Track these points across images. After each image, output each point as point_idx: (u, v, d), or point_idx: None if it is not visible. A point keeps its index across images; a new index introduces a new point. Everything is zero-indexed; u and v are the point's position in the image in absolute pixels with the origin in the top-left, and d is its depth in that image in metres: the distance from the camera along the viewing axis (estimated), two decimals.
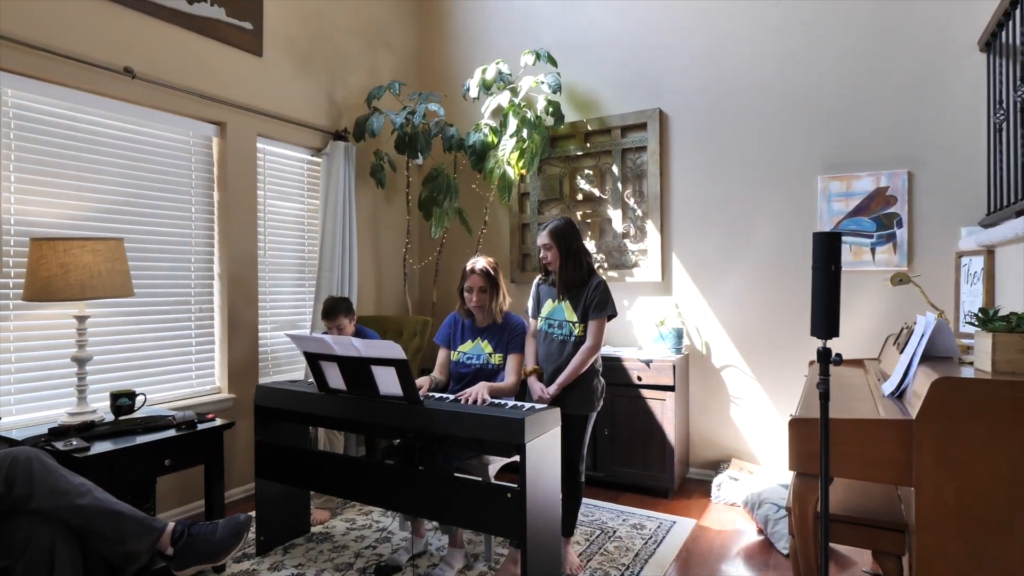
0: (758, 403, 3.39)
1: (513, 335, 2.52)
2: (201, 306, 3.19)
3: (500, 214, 4.18)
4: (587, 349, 2.37)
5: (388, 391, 2.15)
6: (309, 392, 2.39)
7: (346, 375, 2.21)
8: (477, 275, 2.49)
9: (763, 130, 3.37)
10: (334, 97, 3.84)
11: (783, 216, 3.33)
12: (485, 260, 2.54)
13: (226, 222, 3.22)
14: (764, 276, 3.38)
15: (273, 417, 2.54)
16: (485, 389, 2.25)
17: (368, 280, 4.11)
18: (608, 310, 2.39)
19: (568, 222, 2.46)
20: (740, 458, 3.43)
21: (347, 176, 3.75)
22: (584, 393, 2.40)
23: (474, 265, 2.52)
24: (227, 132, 3.22)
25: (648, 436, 3.25)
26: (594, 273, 2.47)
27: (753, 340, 3.41)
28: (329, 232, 3.66)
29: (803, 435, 1.67)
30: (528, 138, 3.61)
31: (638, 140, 3.69)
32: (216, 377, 3.26)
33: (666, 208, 3.64)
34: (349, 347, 2.13)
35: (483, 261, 2.54)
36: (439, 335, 2.67)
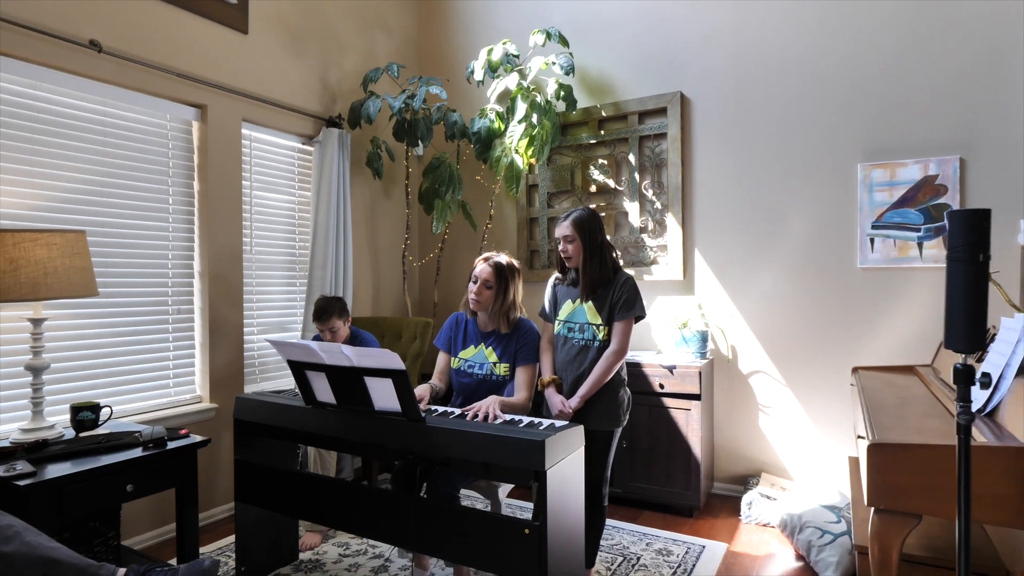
0: (790, 413, 3.10)
1: (524, 343, 2.23)
2: (180, 307, 2.89)
3: (507, 208, 3.89)
4: (612, 354, 2.08)
5: (384, 406, 1.86)
6: (294, 405, 2.10)
7: (336, 387, 1.92)
8: (488, 266, 2.20)
9: (796, 113, 3.08)
10: (327, 80, 3.55)
11: (819, 208, 3.04)
12: (507, 258, 2.25)
13: (208, 215, 2.93)
14: (797, 274, 3.09)
15: (254, 433, 2.25)
16: (496, 404, 1.96)
17: (364, 279, 3.82)
18: (636, 310, 2.10)
19: (593, 212, 2.17)
20: (770, 472, 3.14)
21: (341, 166, 3.46)
22: (609, 406, 2.11)
23: (491, 256, 2.23)
24: (208, 116, 2.92)
25: (671, 449, 2.96)
26: (620, 270, 2.18)
27: (785, 344, 3.12)
28: (322, 227, 3.36)
29: (888, 464, 1.38)
30: (538, 124, 3.32)
31: (657, 127, 3.40)
32: (197, 385, 2.97)
33: (688, 200, 3.35)
34: (339, 355, 1.83)
35: (504, 257, 2.25)
36: (439, 337, 2.38)
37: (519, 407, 2.13)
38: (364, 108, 3.33)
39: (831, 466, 2.99)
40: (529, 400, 2.19)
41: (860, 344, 2.93)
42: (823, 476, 3.01)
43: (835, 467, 2.98)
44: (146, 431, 2.12)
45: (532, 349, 2.23)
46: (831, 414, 2.99)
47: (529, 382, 2.21)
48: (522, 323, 2.28)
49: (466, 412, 1.95)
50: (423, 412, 1.96)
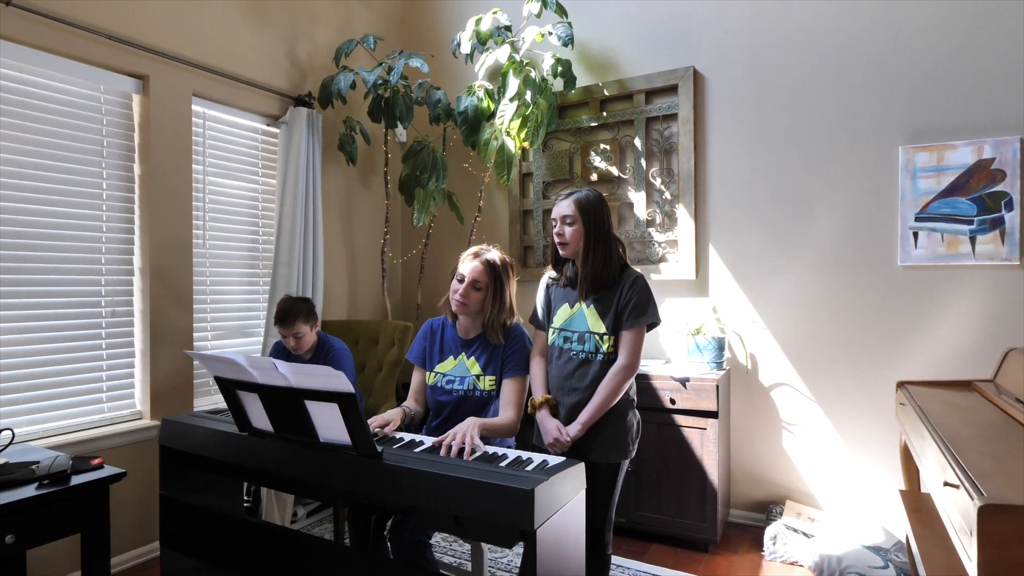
0: (819, 431, 2.71)
1: (512, 351, 1.85)
2: (115, 309, 2.50)
3: (498, 199, 3.50)
4: (620, 370, 1.69)
5: (331, 437, 1.46)
6: (228, 432, 1.70)
7: (271, 411, 1.52)
8: (480, 264, 1.83)
9: (825, 90, 2.69)
10: (296, 55, 3.16)
11: (852, 198, 2.65)
12: (499, 254, 1.89)
13: (151, 203, 2.53)
14: (827, 273, 2.70)
15: (184, 463, 1.85)
16: (475, 428, 1.57)
17: (338, 277, 3.42)
18: (649, 316, 1.71)
19: (601, 196, 1.79)
20: (796, 500, 2.75)
21: (311, 150, 3.06)
22: (615, 433, 1.72)
23: (480, 252, 1.86)
24: (151, 88, 2.53)
25: (683, 474, 2.57)
26: (628, 267, 1.79)
27: (812, 353, 2.73)
28: (287, 218, 2.97)
29: (1014, 535, 0.99)
30: (532, 103, 2.93)
31: (666, 107, 3.01)
32: (136, 400, 2.57)
33: (701, 190, 2.96)
34: (272, 373, 1.44)
35: (496, 253, 1.88)
36: (412, 350, 2.00)
37: (505, 429, 1.74)
38: (334, 83, 2.94)
39: (870, 496, 2.60)
40: (517, 421, 1.80)
41: (902, 355, 2.55)
42: (860, 507, 2.62)
43: (875, 497, 2.59)
44: (46, 461, 1.73)
45: (522, 358, 1.85)
46: (868, 435, 2.61)
47: (518, 399, 1.82)
48: (512, 328, 1.90)
49: (439, 442, 1.56)
50: (383, 443, 1.57)
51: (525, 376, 1.85)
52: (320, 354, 2.62)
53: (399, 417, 1.77)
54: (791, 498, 2.76)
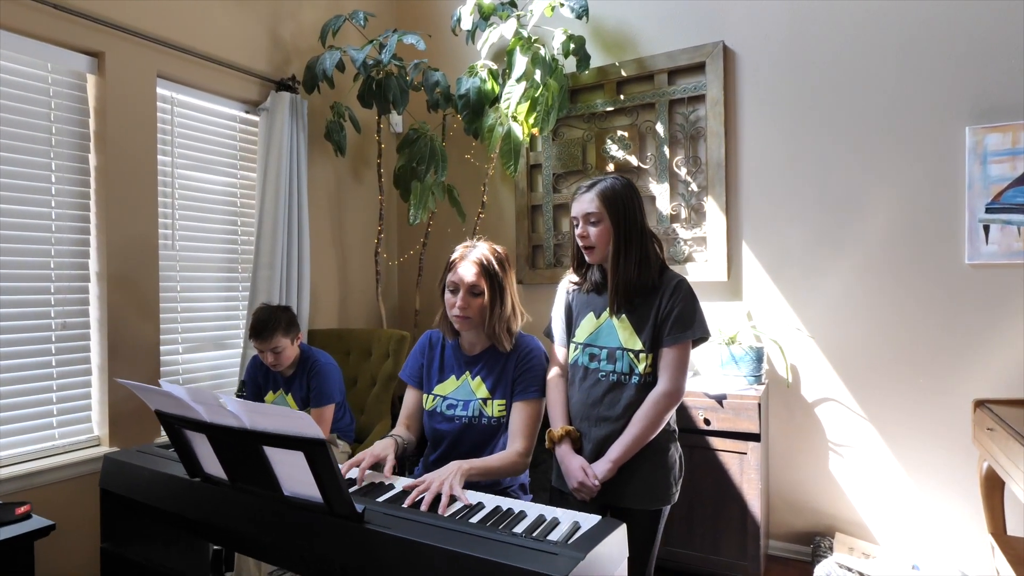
0: (872, 454, 2.38)
1: (526, 367, 1.53)
2: (67, 320, 2.18)
3: (503, 193, 3.17)
4: (661, 397, 1.37)
5: (298, 491, 1.14)
6: (179, 477, 1.38)
7: (223, 456, 1.20)
8: (473, 265, 1.51)
9: (875, 64, 2.36)
10: (279, 35, 2.84)
11: (909, 187, 2.32)
12: (488, 247, 1.56)
13: (109, 198, 2.21)
14: (879, 273, 2.37)
15: (130, 512, 1.53)
16: (458, 476, 1.26)
17: (326, 281, 3.10)
18: (696, 330, 1.39)
19: (630, 184, 1.46)
20: (847, 532, 2.42)
21: (295, 139, 2.74)
22: (654, 473, 1.40)
23: (467, 252, 1.54)
24: (107, 67, 2.21)
25: (720, 505, 2.24)
26: (667, 270, 1.47)
27: (863, 364, 2.40)
28: (269, 216, 2.65)
29: None
30: (542, 84, 2.60)
31: (692, 87, 2.68)
32: (94, 424, 2.25)
33: (733, 180, 2.63)
34: (220, 411, 1.12)
35: (485, 247, 1.55)
36: (406, 367, 1.68)
37: (508, 468, 1.42)
38: (319, 64, 2.61)
39: (938, 532, 2.27)
40: (527, 455, 1.48)
41: (970, 368, 2.21)
42: (925, 543, 2.28)
43: (944, 533, 2.26)
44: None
45: (537, 377, 1.53)
46: (933, 460, 2.27)
47: (531, 427, 1.49)
48: (523, 340, 1.58)
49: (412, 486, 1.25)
50: (370, 492, 1.25)
51: (541, 400, 1.53)
52: (303, 370, 2.30)
53: (392, 451, 1.44)
54: (840, 529, 2.43)
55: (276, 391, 2.34)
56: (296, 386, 2.30)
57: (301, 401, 2.30)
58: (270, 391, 2.35)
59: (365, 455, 1.38)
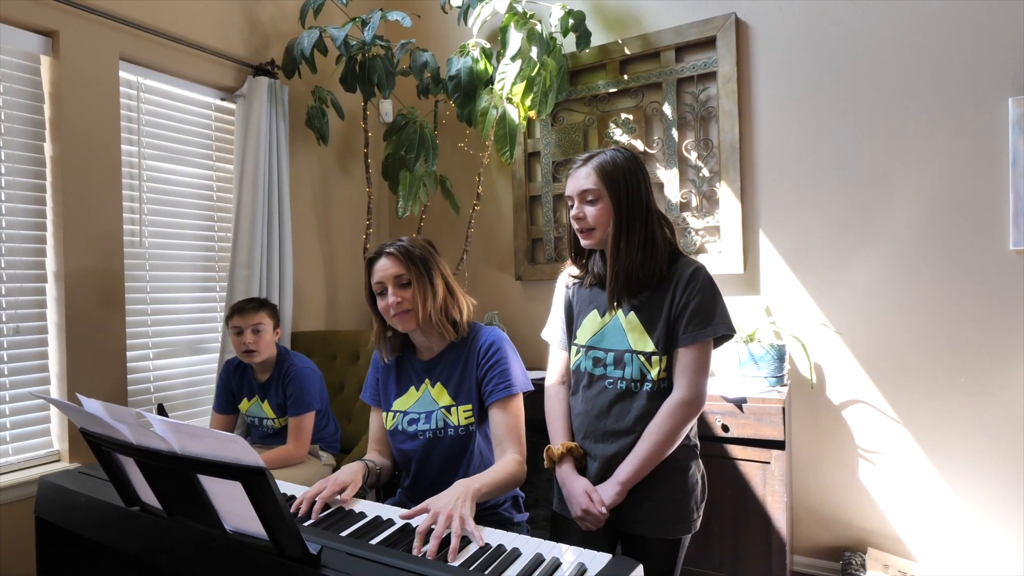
0: (907, 461, 2.17)
1: (492, 360, 1.34)
2: (20, 324, 1.99)
3: (499, 183, 2.97)
4: (679, 406, 1.17)
5: (242, 527, 0.94)
6: (116, 505, 1.18)
7: (155, 484, 1.00)
8: (389, 257, 1.33)
9: (905, 33, 2.15)
10: (256, 17, 2.64)
11: (944, 166, 2.10)
12: (407, 238, 1.39)
13: (67, 192, 2.03)
14: (911, 261, 2.16)
15: (67, 545, 1.33)
16: (468, 504, 1.05)
17: (311, 280, 2.91)
18: (716, 325, 1.19)
19: (633, 157, 1.26)
20: (880, 547, 2.20)
21: (274, 128, 2.55)
22: (672, 496, 1.20)
23: (381, 247, 1.36)
24: (61, 47, 2.02)
25: (741, 520, 2.03)
26: (682, 256, 1.26)
27: (895, 362, 2.19)
28: (247, 210, 2.46)
29: None
30: (539, 62, 2.40)
31: (702, 64, 2.48)
32: (54, 438, 2.06)
33: (748, 164, 2.42)
34: (144, 432, 0.92)
35: (403, 239, 1.38)
36: (366, 387, 1.52)
37: (509, 481, 1.22)
38: (297, 44, 2.42)
39: (984, 547, 2.05)
40: (523, 462, 1.27)
41: (1019, 365, 2.00)
42: (970, 561, 2.06)
43: (991, 549, 2.04)
44: None
45: (507, 369, 1.32)
46: (979, 469, 2.05)
47: (518, 428, 1.30)
48: (481, 333, 1.39)
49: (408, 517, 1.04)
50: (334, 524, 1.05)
51: (518, 394, 1.32)
52: (279, 373, 2.12)
53: (360, 478, 1.24)
54: (873, 544, 2.21)
55: (251, 398, 2.15)
56: (272, 392, 2.11)
57: (278, 408, 2.11)
58: (244, 398, 2.16)
59: (327, 483, 1.18)
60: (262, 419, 2.15)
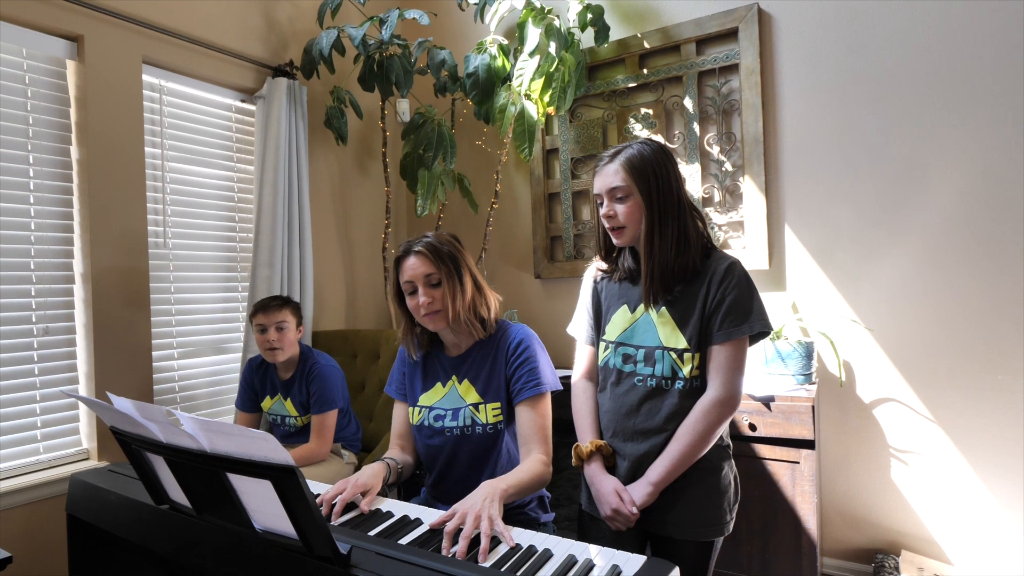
0: (943, 461, 2.11)
1: (518, 362, 1.33)
2: (49, 325, 2.01)
3: (517, 181, 2.95)
4: (713, 405, 1.14)
5: (271, 525, 0.94)
6: (145, 503, 1.19)
7: (184, 482, 1.00)
8: (418, 256, 1.31)
9: (935, 22, 2.09)
10: (274, 17, 2.66)
11: (979, 159, 2.04)
12: (432, 234, 1.37)
13: (94, 194, 2.05)
14: (947, 255, 2.10)
15: (99, 542, 1.34)
16: (496, 504, 1.04)
17: (331, 280, 2.92)
18: (753, 322, 1.16)
19: (662, 148, 1.23)
20: (914, 549, 2.15)
21: (293, 129, 2.56)
22: (705, 497, 1.17)
23: (409, 245, 1.34)
24: (86, 52, 2.04)
25: (769, 521, 1.99)
26: (715, 251, 1.23)
27: (929, 359, 2.13)
28: (268, 211, 2.47)
29: None
30: (557, 57, 2.38)
31: (724, 56, 2.44)
32: (83, 436, 2.09)
33: (772, 158, 2.38)
34: (174, 429, 0.92)
35: (429, 235, 1.36)
36: (391, 380, 1.51)
37: (536, 481, 1.21)
38: (315, 45, 2.42)
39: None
40: (550, 462, 1.26)
41: None
42: (1010, 564, 2.00)
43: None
44: None
45: (535, 368, 1.31)
46: (1019, 469, 1.99)
47: (544, 427, 1.29)
48: (509, 330, 1.38)
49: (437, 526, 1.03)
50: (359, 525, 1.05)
51: (546, 393, 1.31)
52: (303, 371, 2.12)
53: (380, 481, 1.23)
54: (906, 546, 2.16)
55: (274, 396, 2.16)
56: (295, 390, 2.11)
57: (301, 407, 2.12)
58: (267, 396, 2.17)
59: (347, 484, 1.18)
60: (284, 417, 2.15)
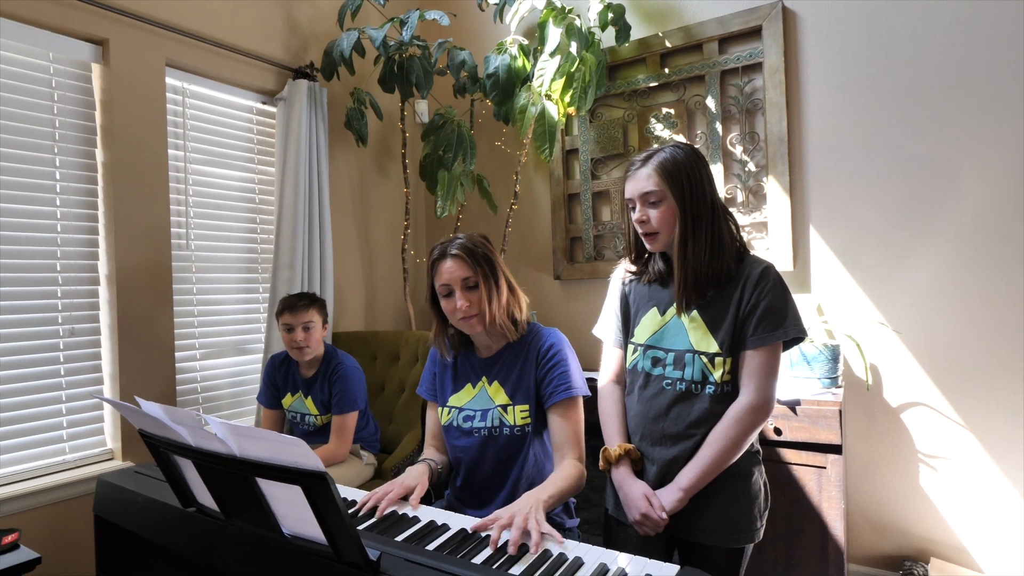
0: (973, 468, 2.06)
1: (550, 366, 1.32)
2: (75, 326, 2.04)
3: (536, 182, 2.94)
4: (746, 411, 1.12)
5: (300, 530, 0.93)
6: (171, 506, 1.19)
7: (212, 486, 1.00)
8: (455, 259, 1.30)
9: (967, 19, 2.04)
10: (295, 20, 2.67)
11: (1011, 159, 1.99)
12: (465, 235, 1.35)
13: (118, 196, 2.07)
14: (976, 259, 2.05)
15: (125, 543, 1.35)
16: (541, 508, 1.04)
17: (350, 281, 2.92)
18: (788, 328, 1.13)
19: (695, 152, 1.21)
20: (943, 557, 2.10)
21: (314, 130, 2.57)
22: (735, 503, 1.15)
23: (445, 247, 1.33)
24: (111, 55, 2.06)
25: (796, 527, 1.96)
26: (748, 254, 1.21)
27: (959, 363, 2.08)
28: (288, 212, 2.48)
29: None
30: (578, 57, 2.36)
31: (747, 55, 2.40)
32: (108, 436, 2.11)
33: (797, 157, 2.34)
34: (203, 433, 0.91)
35: (461, 237, 1.35)
36: (422, 382, 1.50)
37: (573, 487, 1.21)
38: (336, 47, 2.43)
39: None
40: (583, 469, 1.26)
41: None
42: None
43: None
44: None
45: (567, 372, 1.30)
46: None
47: (579, 432, 1.29)
48: (540, 333, 1.37)
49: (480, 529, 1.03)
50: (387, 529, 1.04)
51: (578, 397, 1.30)
52: (326, 371, 2.12)
53: (425, 480, 1.23)
54: (936, 554, 2.11)
55: (295, 393, 2.16)
56: (317, 389, 2.12)
57: (321, 405, 2.12)
58: (288, 393, 2.17)
59: (394, 486, 1.17)
60: (304, 415, 2.16)
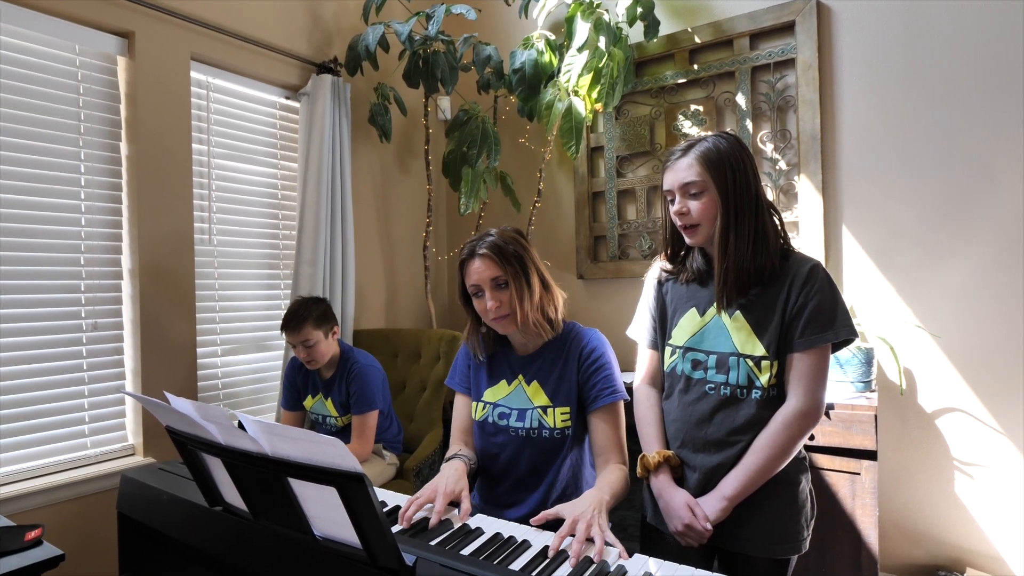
0: (1012, 475, 1.99)
1: (593, 368, 1.28)
2: (98, 320, 2.03)
3: (560, 180, 2.90)
4: (794, 417, 1.07)
5: (333, 533, 0.90)
6: (197, 504, 1.17)
7: (242, 486, 0.97)
8: (484, 258, 1.26)
9: (1006, 16, 1.97)
10: (319, 14, 2.65)
11: None
12: (496, 231, 1.31)
13: (142, 190, 2.06)
14: (1016, 261, 1.98)
15: (149, 540, 1.33)
16: (604, 513, 1.02)
17: (372, 279, 2.90)
18: (838, 329, 1.09)
19: (736, 141, 1.17)
20: (979, 567, 2.03)
21: (337, 126, 2.55)
22: (781, 513, 1.11)
23: (474, 246, 1.29)
24: (137, 48, 2.05)
25: (828, 534, 1.90)
26: (794, 252, 1.17)
27: (998, 368, 2.01)
28: (311, 208, 2.46)
29: None
30: (606, 52, 2.31)
31: (779, 51, 2.35)
32: (129, 432, 2.10)
33: (830, 156, 2.28)
34: (235, 432, 0.89)
35: (492, 233, 1.31)
36: (454, 373, 1.47)
37: (624, 491, 1.18)
38: (361, 41, 2.40)
39: None
40: (628, 474, 1.22)
41: None
42: None
43: None
44: None
45: (610, 375, 1.27)
46: None
47: (622, 435, 1.26)
48: (581, 334, 1.33)
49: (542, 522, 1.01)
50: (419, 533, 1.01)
51: (619, 401, 1.26)
52: (343, 371, 2.10)
53: (466, 482, 1.19)
54: (971, 564, 2.04)
55: (315, 395, 2.14)
56: (336, 390, 2.09)
57: (341, 407, 2.10)
58: (308, 395, 2.15)
59: (436, 492, 1.13)
60: (325, 417, 2.14)
